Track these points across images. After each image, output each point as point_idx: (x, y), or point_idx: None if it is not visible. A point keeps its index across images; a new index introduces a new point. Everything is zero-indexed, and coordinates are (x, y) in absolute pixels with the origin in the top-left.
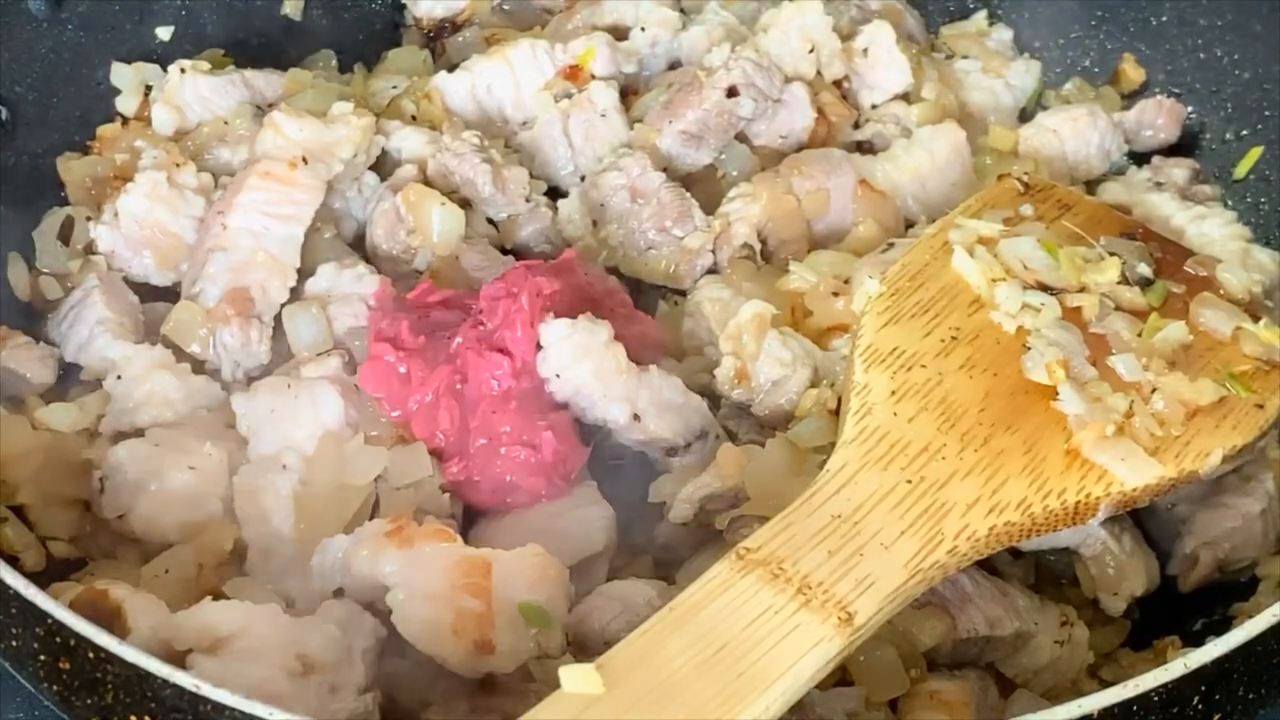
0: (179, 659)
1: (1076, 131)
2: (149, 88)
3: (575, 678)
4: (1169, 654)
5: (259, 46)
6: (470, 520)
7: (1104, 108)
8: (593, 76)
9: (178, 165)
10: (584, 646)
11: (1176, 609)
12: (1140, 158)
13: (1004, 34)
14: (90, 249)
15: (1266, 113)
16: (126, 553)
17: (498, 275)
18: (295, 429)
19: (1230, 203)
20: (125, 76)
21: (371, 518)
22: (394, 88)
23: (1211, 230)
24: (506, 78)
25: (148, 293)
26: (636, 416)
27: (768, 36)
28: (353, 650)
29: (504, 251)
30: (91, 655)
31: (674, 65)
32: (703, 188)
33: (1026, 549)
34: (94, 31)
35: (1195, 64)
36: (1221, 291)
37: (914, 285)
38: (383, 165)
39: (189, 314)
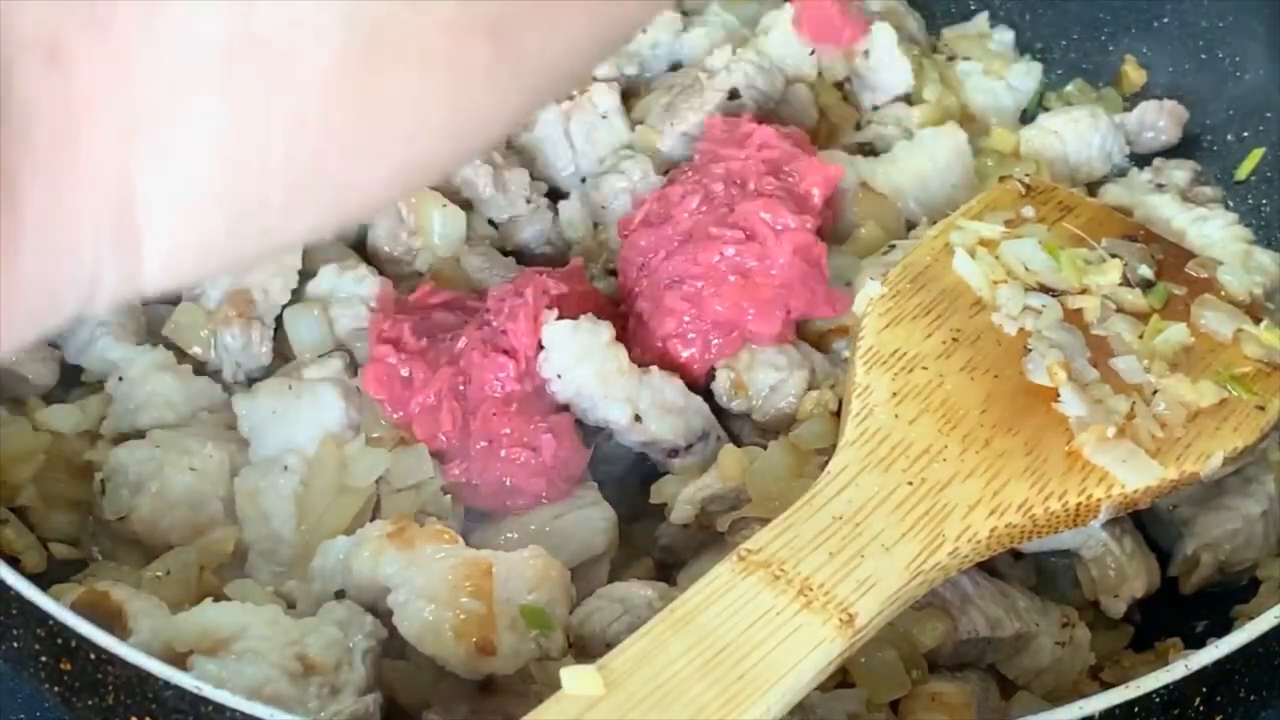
0: (180, 660)
1: (1078, 133)
2: None
3: (576, 679)
4: (1170, 655)
5: None
6: (472, 521)
7: (1105, 109)
8: (594, 78)
9: None
10: (585, 648)
11: (1178, 611)
12: (1141, 159)
13: (1005, 36)
14: None
15: (1268, 114)
16: (127, 554)
17: (500, 276)
18: (296, 430)
19: (1231, 204)
20: None
21: (373, 519)
22: None
23: (1213, 232)
24: None
25: None
26: (638, 418)
27: (769, 38)
28: (353, 651)
29: (504, 253)
30: (93, 656)
31: (675, 66)
32: None
33: (1028, 550)
34: None
35: (1197, 65)
36: (1223, 293)
37: (915, 287)
38: None
39: (190, 315)
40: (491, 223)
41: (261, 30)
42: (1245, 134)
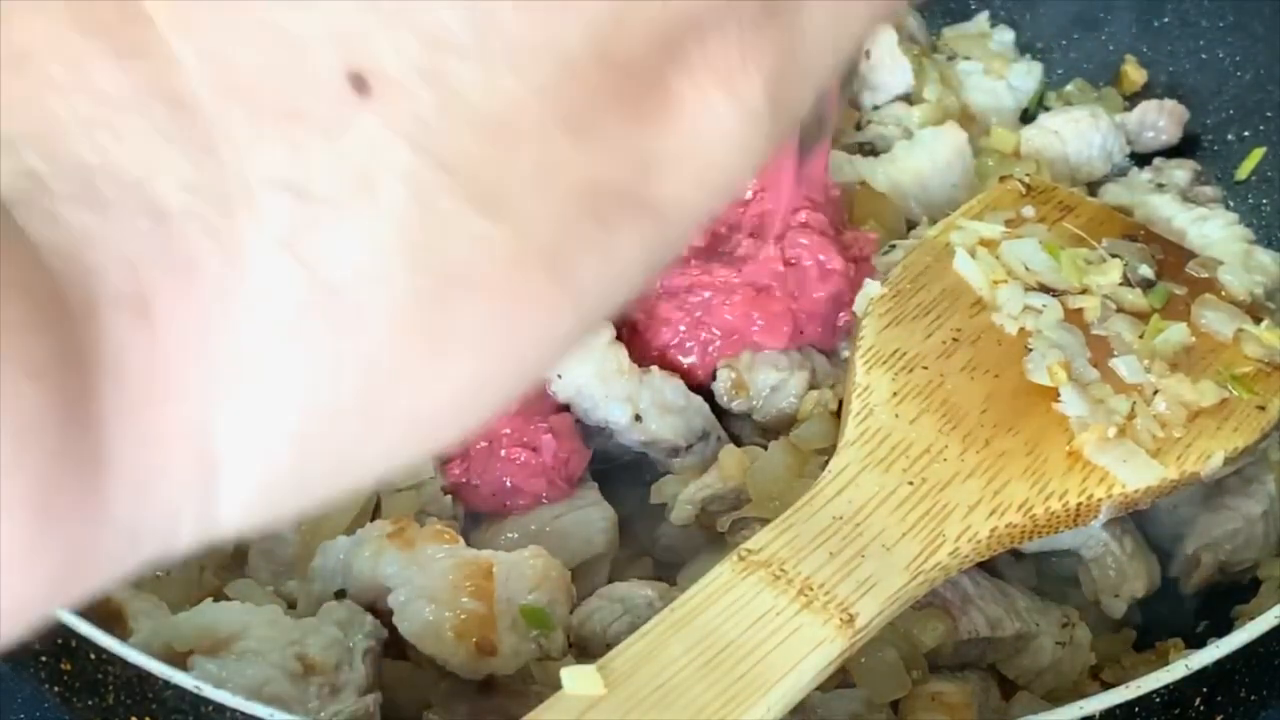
0: (180, 660)
1: (1078, 133)
2: None
3: (577, 679)
4: (1171, 655)
5: None
6: (473, 521)
7: (1106, 109)
8: None
9: None
10: (585, 648)
11: (1179, 611)
12: (1142, 159)
13: (1005, 35)
14: None
15: (1268, 114)
16: None
17: None
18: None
19: (1232, 204)
20: None
21: (373, 519)
22: None
23: (1213, 232)
24: None
25: None
26: (638, 417)
27: None
28: (353, 651)
29: None
30: (93, 656)
31: None
32: None
33: (1028, 550)
34: None
35: (1197, 65)
36: (1223, 293)
37: (915, 287)
38: None
39: None
40: None
41: (331, 279)
42: (1245, 134)
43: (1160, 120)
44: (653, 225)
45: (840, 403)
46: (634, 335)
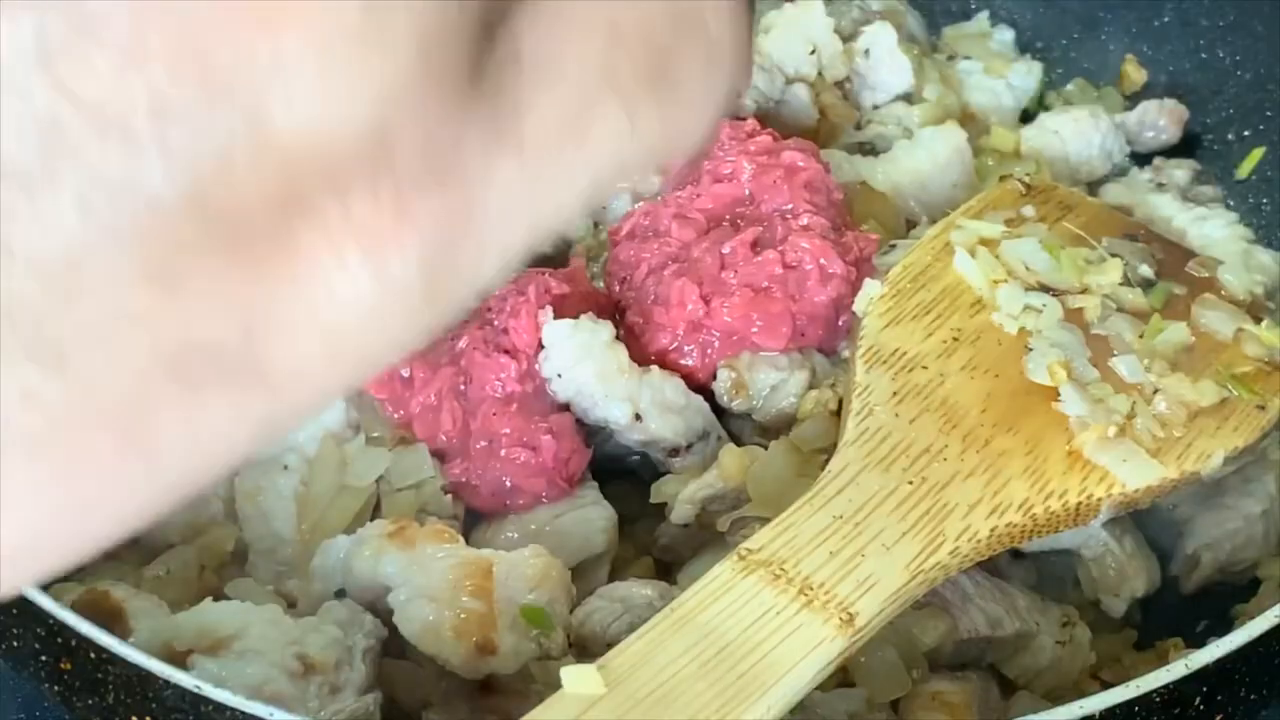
0: (180, 659)
1: (1078, 132)
2: None
3: (576, 678)
4: (1171, 655)
5: None
6: (473, 521)
7: (1106, 109)
8: None
9: None
10: (585, 647)
11: (1179, 610)
12: (1142, 159)
13: (1006, 35)
14: None
15: (1268, 113)
16: (127, 553)
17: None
18: (297, 430)
19: (1232, 204)
20: None
21: (373, 519)
22: None
23: (1213, 231)
24: None
25: None
26: (638, 417)
27: (769, 38)
28: (353, 651)
29: None
30: (93, 656)
31: None
32: None
33: (1028, 550)
34: None
35: (1197, 65)
36: (1223, 293)
37: (915, 286)
38: None
39: None
40: None
41: None
42: (1246, 133)
43: (1160, 120)
44: (257, 392)
45: (840, 402)
46: (631, 338)
